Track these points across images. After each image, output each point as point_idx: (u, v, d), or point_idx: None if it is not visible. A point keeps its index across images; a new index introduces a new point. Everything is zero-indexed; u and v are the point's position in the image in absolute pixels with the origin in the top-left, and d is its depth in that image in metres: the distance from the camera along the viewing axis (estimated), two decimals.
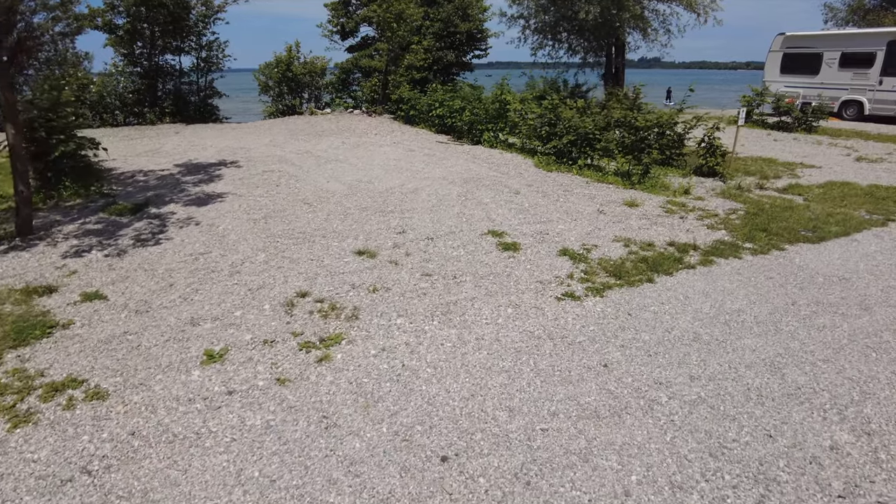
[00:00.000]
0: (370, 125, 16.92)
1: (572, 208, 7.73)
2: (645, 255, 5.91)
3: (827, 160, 12.16)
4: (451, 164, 10.77)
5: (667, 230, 6.84)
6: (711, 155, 9.61)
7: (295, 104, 20.60)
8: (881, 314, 4.70)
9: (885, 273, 5.64)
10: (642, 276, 5.38)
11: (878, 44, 18.24)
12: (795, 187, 9.27)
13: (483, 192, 8.50)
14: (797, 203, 8.30)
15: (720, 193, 8.75)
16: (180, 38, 18.24)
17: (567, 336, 4.26)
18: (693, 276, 5.45)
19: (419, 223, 6.95)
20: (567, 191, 8.75)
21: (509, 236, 6.49)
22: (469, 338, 4.23)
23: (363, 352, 4.06)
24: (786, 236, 6.68)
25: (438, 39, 20.08)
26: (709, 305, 4.81)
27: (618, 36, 22.91)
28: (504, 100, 12.39)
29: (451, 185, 8.99)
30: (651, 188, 8.85)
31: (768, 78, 22.05)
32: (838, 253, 6.21)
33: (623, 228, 6.88)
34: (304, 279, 5.27)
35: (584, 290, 5.09)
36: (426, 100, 15.50)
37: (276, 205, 7.77)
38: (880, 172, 10.80)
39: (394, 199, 8.08)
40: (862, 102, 18.90)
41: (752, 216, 7.48)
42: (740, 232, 6.79)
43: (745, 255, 6.08)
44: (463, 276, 5.36)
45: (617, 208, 7.77)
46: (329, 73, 21.65)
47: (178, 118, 18.29)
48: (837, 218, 7.51)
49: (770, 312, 4.69)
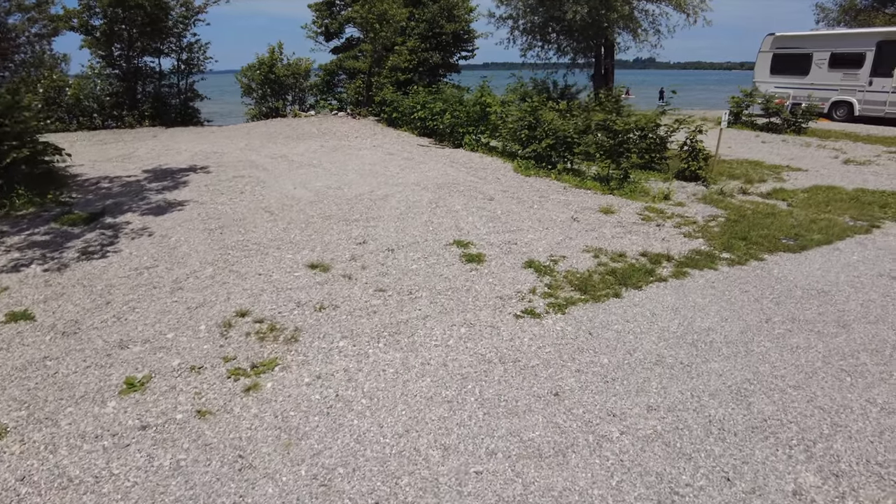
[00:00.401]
0: (352, 128, 16.60)
1: (546, 216, 7.42)
2: (614, 267, 5.60)
3: (814, 163, 11.89)
4: (428, 169, 10.46)
5: (641, 239, 6.54)
6: (694, 159, 9.32)
7: (278, 106, 20.27)
8: (859, 332, 4.39)
9: (865, 285, 5.34)
10: (609, 291, 5.08)
11: (868, 44, 18.02)
12: (780, 192, 8.99)
13: (455, 199, 8.18)
14: (780, 209, 8.01)
15: (702, 199, 8.45)
16: (159, 40, 17.88)
17: (520, 359, 3.94)
18: (663, 291, 5.14)
19: (383, 233, 6.64)
20: (543, 197, 8.45)
21: (475, 247, 6.17)
22: (414, 363, 3.91)
23: (296, 380, 3.73)
24: (766, 245, 6.39)
25: (424, 40, 19.77)
26: (677, 323, 4.50)
27: (606, 36, 22.64)
28: (484, 102, 12.07)
29: (424, 191, 8.68)
30: (630, 194, 8.55)
31: (758, 79, 21.82)
32: (819, 263, 5.92)
33: (595, 237, 6.58)
34: (248, 296, 4.94)
35: (545, 306, 4.77)
36: (408, 102, 15.19)
37: (236, 213, 7.44)
38: (867, 175, 10.53)
39: (361, 206, 7.76)
40: (852, 103, 18.68)
41: (733, 223, 7.18)
42: (718, 241, 6.49)
43: (721, 266, 5.78)
44: (419, 292, 5.04)
45: (592, 216, 7.47)
46: (313, 74, 21.32)
47: (158, 121, 17.93)
48: (821, 225, 7.22)
49: (742, 331, 4.39)
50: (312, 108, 21.13)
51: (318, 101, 21.15)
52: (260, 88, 19.96)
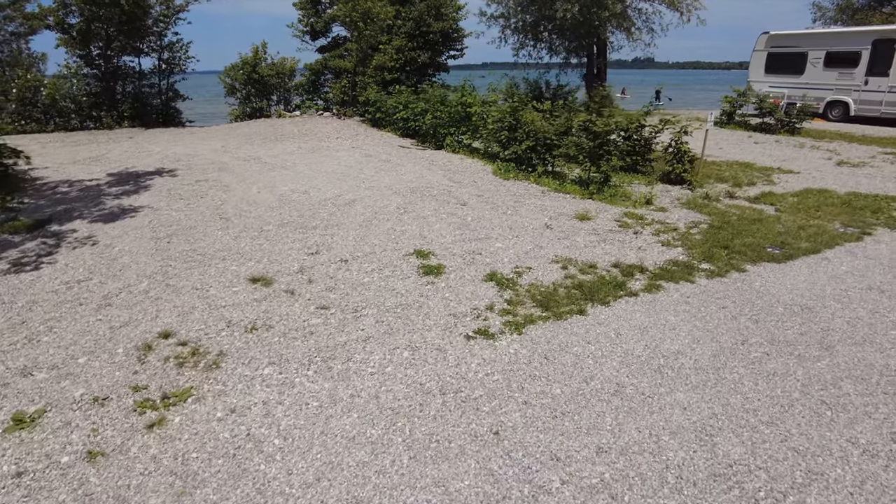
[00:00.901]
0: (335, 128, 16.19)
1: (518, 222, 7.00)
2: (583, 280, 5.18)
3: (807, 164, 11.48)
4: (404, 172, 10.04)
5: (616, 248, 6.12)
6: (679, 161, 8.90)
7: (262, 107, 19.86)
8: (843, 355, 3.97)
9: (853, 300, 4.92)
10: (573, 307, 4.65)
11: (864, 43, 17.61)
12: (768, 196, 8.57)
13: (426, 204, 7.76)
14: (768, 214, 7.59)
15: (685, 203, 8.03)
16: (138, 39, 17.45)
17: (463, 389, 3.52)
18: (633, 307, 4.72)
19: (340, 241, 6.21)
20: (518, 202, 8.02)
21: (436, 257, 5.75)
22: (343, 394, 3.49)
23: (207, 414, 3.31)
24: (749, 255, 5.97)
25: (411, 39, 19.35)
26: (643, 345, 4.08)
27: (598, 35, 22.23)
28: (466, 102, 11.65)
29: (395, 195, 8.26)
30: (610, 198, 8.12)
31: (753, 78, 21.41)
32: (805, 275, 5.50)
33: (567, 246, 6.15)
34: (178, 314, 4.51)
35: (501, 325, 4.35)
36: (391, 102, 14.77)
37: (189, 220, 7.01)
38: (861, 178, 10.11)
39: (324, 212, 7.34)
40: (847, 103, 18.27)
41: (716, 230, 6.76)
42: (699, 250, 6.07)
43: (699, 278, 5.36)
44: (366, 309, 4.61)
45: (566, 222, 7.05)
46: (299, 74, 20.92)
47: (138, 122, 17.51)
48: (809, 232, 6.81)
49: (714, 354, 3.96)
50: (298, 108, 20.72)
51: (304, 102, 20.75)
52: (243, 89, 19.55)
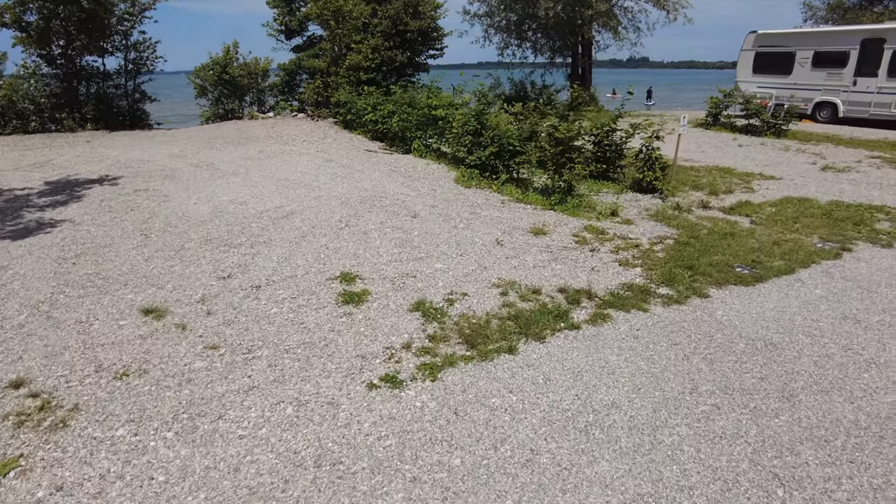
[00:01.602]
0: (304, 131, 15.55)
1: (468, 238, 6.39)
2: (521, 309, 4.57)
3: (790, 169, 10.92)
4: (362, 179, 9.43)
5: (567, 269, 5.51)
6: (650, 168, 8.31)
7: (234, 108, 19.19)
8: (806, 408, 3.38)
9: (825, 332, 4.33)
10: (504, 344, 4.05)
11: (852, 42, 17.08)
12: (745, 206, 7.99)
13: (372, 216, 7.14)
14: (742, 227, 7.01)
15: (654, 215, 7.44)
16: (102, 38, 16.76)
17: (344, 460, 2.91)
18: (571, 343, 4.11)
19: (262, 262, 5.59)
20: (475, 213, 7.42)
21: (363, 281, 5.13)
22: (198, 466, 2.87)
23: (27, 494, 2.69)
24: (715, 276, 5.37)
25: (387, 38, 18.71)
26: (573, 396, 3.48)
27: (583, 34, 21.68)
28: (431, 104, 11.04)
29: (343, 206, 7.64)
30: (573, 209, 7.53)
31: (740, 78, 20.88)
32: (775, 301, 4.91)
33: (514, 266, 5.55)
34: (44, 355, 3.89)
35: (414, 369, 3.74)
36: (361, 103, 14.15)
37: (107, 237, 6.38)
38: (845, 185, 9.55)
39: (257, 226, 6.71)
40: (836, 104, 17.74)
41: (682, 247, 6.17)
42: (659, 270, 5.48)
43: (654, 305, 4.76)
44: (261, 349, 4.00)
45: (520, 237, 6.44)
46: (273, 74, 20.28)
47: (102, 125, 16.82)
48: (784, 248, 6.22)
49: (655, 408, 3.37)
50: (272, 109, 20.08)
51: (278, 103, 20.10)
52: (214, 90, 18.88)
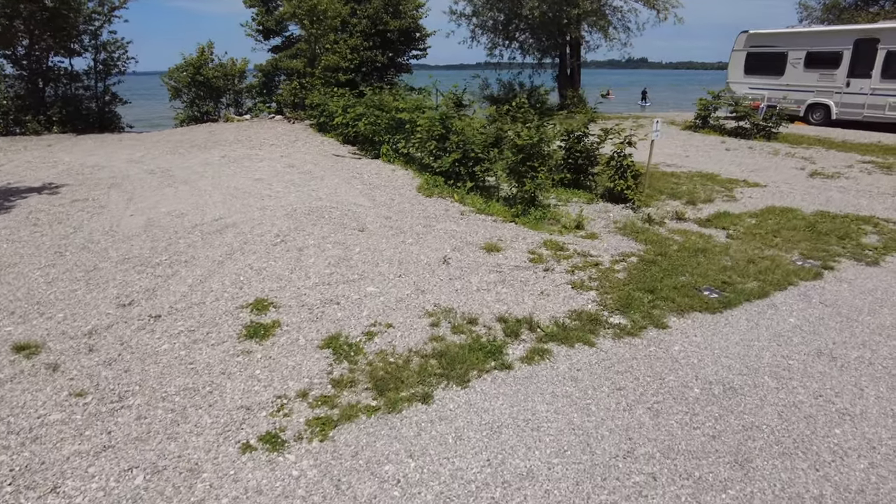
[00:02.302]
0: (276, 134, 14.99)
1: (413, 255, 5.82)
2: (450, 344, 4.00)
3: (777, 175, 10.35)
4: (319, 187, 8.85)
5: (513, 293, 4.94)
6: (621, 177, 7.74)
7: (209, 110, 18.61)
8: (762, 478, 2.80)
9: (795, 373, 3.75)
10: (419, 390, 3.47)
11: (845, 43, 16.53)
12: (723, 217, 7.42)
13: (315, 230, 6.57)
14: (716, 242, 6.44)
15: (622, 228, 6.87)
16: (68, 38, 16.18)
17: None
18: (498, 388, 3.54)
19: (173, 286, 5.01)
20: (429, 226, 6.84)
21: (277, 310, 4.55)
22: None
23: None
24: (678, 301, 4.80)
25: (366, 38, 18.14)
26: (483, 461, 2.90)
27: (569, 34, 21.12)
28: (397, 107, 10.46)
29: (287, 218, 7.06)
30: (535, 222, 6.95)
31: (732, 79, 20.35)
32: (742, 332, 4.33)
33: (456, 290, 4.97)
34: None
35: (304, 424, 3.17)
36: (332, 105, 13.58)
37: (14, 255, 5.80)
38: (833, 192, 8.99)
39: (184, 242, 6.13)
40: (829, 106, 17.18)
41: (647, 266, 5.60)
42: (616, 294, 4.90)
43: (603, 338, 4.19)
44: (134, 397, 3.41)
45: (471, 254, 5.86)
46: (251, 75, 19.72)
47: (70, 127, 16.25)
48: (760, 266, 5.65)
49: (577, 480, 2.79)
50: (249, 111, 19.52)
51: (256, 105, 19.55)
52: (188, 91, 18.30)
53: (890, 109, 15.40)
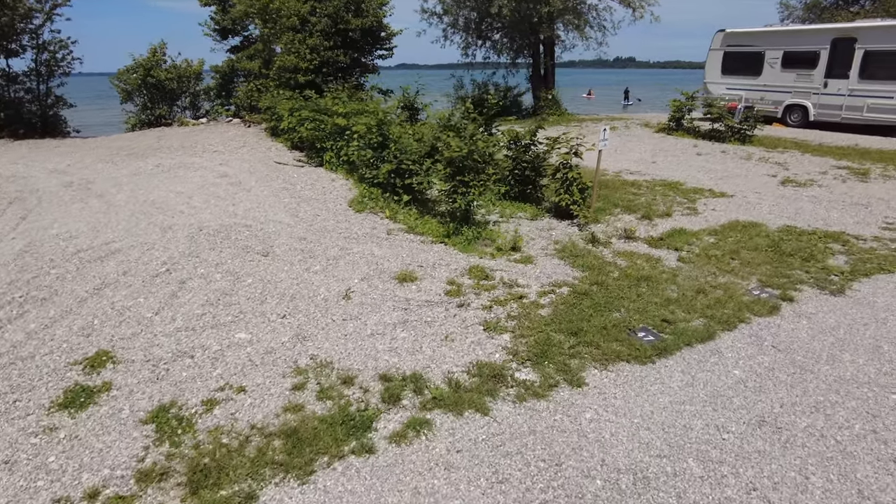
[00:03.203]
0: (226, 139, 14.13)
1: (312, 288, 5.03)
2: (308, 416, 3.22)
3: (746, 183, 9.67)
4: (242, 200, 8.04)
5: (413, 337, 4.16)
6: (566, 190, 6.98)
7: (163, 114, 17.69)
8: None
9: (728, 453, 3.01)
10: (245, 486, 2.69)
11: (822, 42, 15.94)
12: (678, 235, 6.69)
13: (211, 256, 5.76)
14: (665, 267, 5.70)
15: (561, 250, 6.11)
16: (4, 37, 15.21)
17: None
18: (349, 483, 2.76)
19: (8, 332, 4.19)
20: (345, 249, 6.05)
21: (115, 366, 3.74)
22: None
23: None
24: (603, 347, 4.05)
25: (327, 38, 17.28)
26: None
27: (540, 33, 20.39)
28: (335, 111, 9.66)
29: (188, 241, 6.24)
30: (466, 243, 6.18)
31: (709, 79, 19.76)
32: (672, 392, 3.59)
33: (346, 335, 4.19)
34: None
35: None
36: (280, 108, 12.75)
37: None
38: (804, 203, 8.30)
39: (55, 273, 5.30)
40: (806, 107, 16.58)
41: (577, 299, 4.84)
42: (534, 337, 4.15)
43: (503, 402, 3.42)
44: None
45: (380, 286, 5.08)
46: (209, 77, 18.83)
47: (7, 132, 15.29)
48: (711, 298, 4.92)
49: None
50: (207, 114, 18.63)
51: (214, 107, 18.66)
52: (140, 94, 17.38)
53: (868, 111, 14.81)
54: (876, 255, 6.10)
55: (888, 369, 3.85)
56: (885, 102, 14.30)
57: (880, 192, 9.08)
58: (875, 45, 14.64)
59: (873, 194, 8.92)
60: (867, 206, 8.16)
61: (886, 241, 6.60)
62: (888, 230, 7.04)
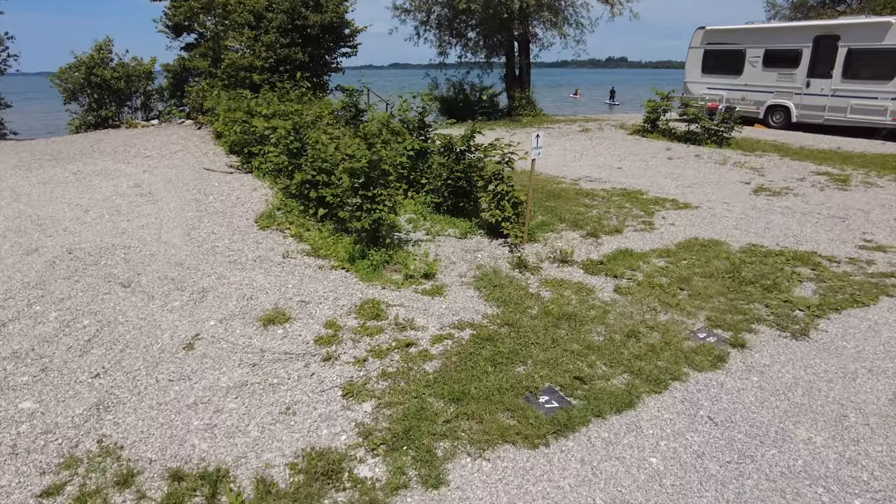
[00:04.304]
0: (167, 142, 13.13)
1: (153, 333, 4.07)
2: None
3: (716, 192, 8.78)
4: (144, 215, 7.08)
5: (243, 410, 3.21)
6: (498, 205, 6.05)
7: (109, 115, 16.64)
8: None
9: None
10: None
11: (804, 40, 15.10)
12: (623, 257, 5.77)
13: (57, 289, 4.79)
14: (595, 301, 4.78)
15: (481, 278, 5.18)
16: None
17: None
18: None
19: None
20: (222, 278, 5.10)
21: None
22: None
23: None
24: (488, 422, 3.12)
25: (283, 34, 16.31)
26: None
27: (513, 30, 19.47)
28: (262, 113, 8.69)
29: (47, 267, 5.28)
30: (372, 269, 5.24)
31: (689, 78, 18.90)
32: (560, 495, 2.65)
33: (158, 404, 3.24)
34: None
35: None
36: (219, 109, 11.78)
37: None
38: (775, 216, 7.41)
39: None
40: (789, 108, 15.74)
41: (478, 346, 3.91)
42: (403, 407, 3.20)
43: None
44: None
45: (240, 329, 4.13)
46: (162, 76, 17.82)
47: None
48: (643, 345, 4.00)
49: None
50: (159, 116, 17.61)
51: (168, 108, 17.64)
52: (85, 94, 16.33)
53: (852, 112, 13.98)
54: (849, 283, 5.20)
55: (853, 454, 2.93)
56: (869, 103, 13.47)
57: (860, 201, 8.22)
58: (858, 42, 13.82)
59: (852, 204, 8.05)
60: (844, 220, 7.29)
61: (862, 264, 5.71)
62: (865, 249, 6.16)
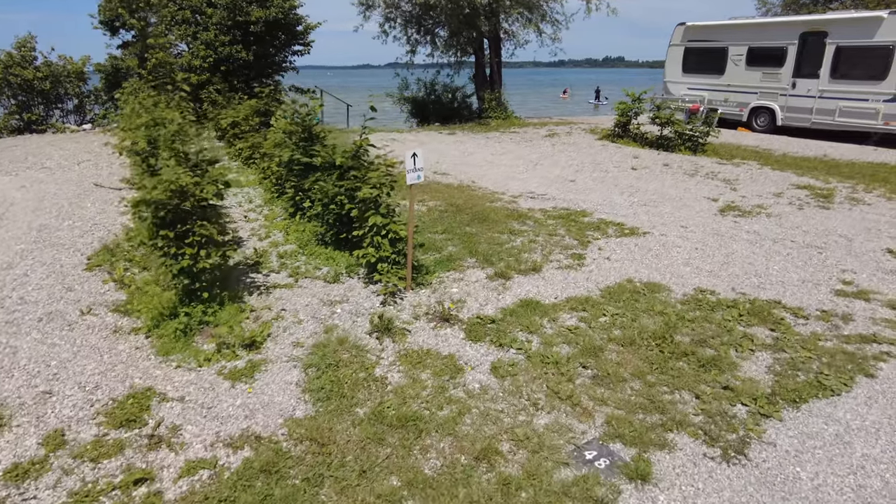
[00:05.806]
0: (80, 150, 11.85)
1: None
2: None
3: (675, 212, 7.44)
4: None
5: None
6: (371, 242, 4.69)
7: (35, 118, 15.29)
8: None
9: None
10: None
11: (790, 36, 13.78)
12: (524, 311, 4.43)
13: None
14: (459, 391, 3.43)
15: (316, 350, 3.82)
16: None
17: None
18: None
19: None
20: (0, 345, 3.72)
21: None
22: None
23: None
24: None
25: (225, 31, 14.97)
26: None
27: (483, 27, 18.11)
28: None
29: None
30: (180, 336, 3.89)
31: (669, 78, 17.60)
32: None
33: None
34: None
35: None
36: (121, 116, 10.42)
37: None
38: (739, 244, 6.08)
39: None
40: (773, 110, 14.41)
41: (238, 488, 2.55)
42: None
43: None
44: None
45: None
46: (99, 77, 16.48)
47: None
48: (494, 479, 2.72)
49: None
50: (93, 120, 16.26)
51: (103, 112, 16.29)
52: (5, 95, 14.98)
53: (840, 115, 12.65)
54: (818, 352, 3.86)
55: None
56: (859, 106, 12.14)
57: (843, 224, 6.89)
58: (847, 39, 12.49)
59: (834, 228, 6.73)
60: (822, 251, 5.96)
61: (837, 320, 4.37)
62: (842, 295, 4.82)
